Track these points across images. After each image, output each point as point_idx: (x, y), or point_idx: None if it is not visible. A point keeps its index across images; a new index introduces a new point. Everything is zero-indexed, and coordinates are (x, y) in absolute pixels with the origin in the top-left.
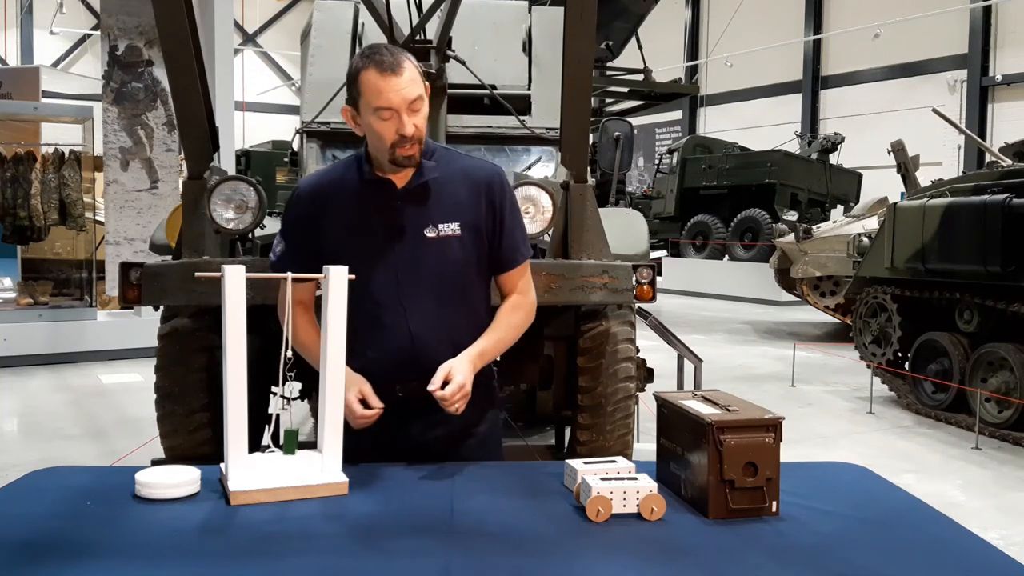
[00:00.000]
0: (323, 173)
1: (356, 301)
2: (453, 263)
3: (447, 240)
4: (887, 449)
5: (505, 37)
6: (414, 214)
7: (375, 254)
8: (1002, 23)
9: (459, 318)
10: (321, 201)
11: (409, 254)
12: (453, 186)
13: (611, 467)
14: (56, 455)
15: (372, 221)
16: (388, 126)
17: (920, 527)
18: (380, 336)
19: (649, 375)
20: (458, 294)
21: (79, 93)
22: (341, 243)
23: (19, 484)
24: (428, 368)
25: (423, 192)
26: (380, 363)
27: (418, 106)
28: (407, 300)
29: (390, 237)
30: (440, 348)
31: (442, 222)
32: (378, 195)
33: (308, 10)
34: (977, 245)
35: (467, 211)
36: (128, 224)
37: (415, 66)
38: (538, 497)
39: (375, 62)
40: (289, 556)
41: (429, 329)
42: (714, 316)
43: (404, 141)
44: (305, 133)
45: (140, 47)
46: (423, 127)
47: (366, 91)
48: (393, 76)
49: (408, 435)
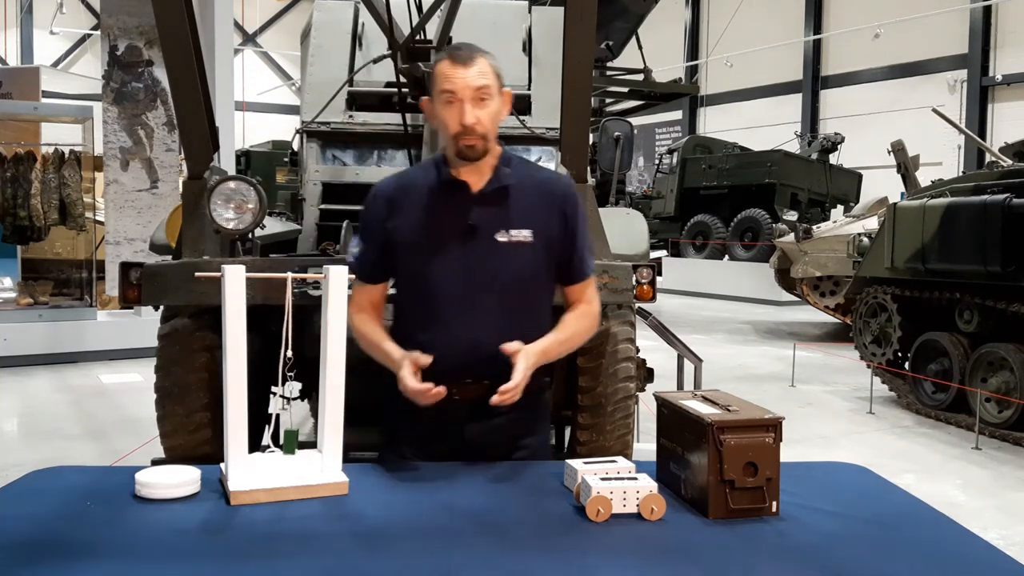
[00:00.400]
0: (402, 174)
1: (421, 299)
2: (522, 269)
3: (518, 246)
4: (887, 449)
5: (505, 37)
6: (487, 218)
7: (445, 254)
8: (1002, 23)
9: (522, 325)
10: (397, 199)
11: (479, 257)
12: (528, 194)
13: (611, 467)
14: (56, 455)
15: (445, 221)
16: (452, 113)
17: (920, 527)
18: (441, 336)
19: (649, 375)
20: (523, 301)
21: (79, 93)
22: (413, 242)
23: (19, 484)
24: (485, 373)
25: (498, 197)
26: (438, 363)
27: (483, 96)
28: (473, 303)
29: (461, 238)
30: (500, 354)
31: (514, 228)
32: (453, 196)
33: (308, 10)
34: (977, 245)
35: (540, 220)
36: (128, 224)
37: (492, 66)
38: (538, 497)
39: (450, 54)
40: (289, 556)
41: (491, 334)
42: (714, 316)
43: (465, 132)
44: (305, 133)
45: (140, 47)
46: (488, 123)
47: (437, 77)
48: (462, 65)
49: (460, 439)
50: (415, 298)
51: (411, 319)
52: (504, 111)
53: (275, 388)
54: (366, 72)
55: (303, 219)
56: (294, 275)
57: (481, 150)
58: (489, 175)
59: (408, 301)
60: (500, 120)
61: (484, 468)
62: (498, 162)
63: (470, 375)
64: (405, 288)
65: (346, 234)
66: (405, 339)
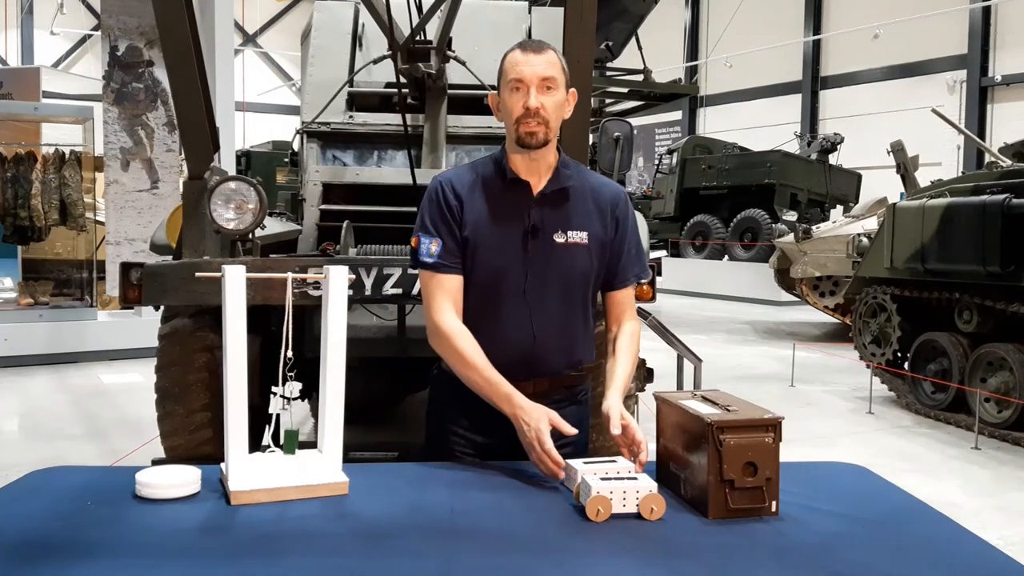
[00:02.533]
0: (457, 171)
1: (480, 295)
2: (578, 270)
3: (575, 247)
4: (887, 449)
5: (505, 37)
6: (547, 218)
7: (506, 252)
8: (1002, 23)
9: (576, 324)
10: (463, 194)
11: (538, 256)
12: (584, 198)
13: (611, 467)
14: (56, 455)
15: (506, 219)
16: (517, 98)
17: (920, 527)
18: (501, 331)
19: (649, 375)
20: (578, 301)
21: (79, 93)
22: (476, 237)
23: (19, 484)
24: (541, 369)
25: (557, 198)
26: (495, 359)
27: (550, 86)
28: (532, 300)
29: (522, 237)
30: (557, 351)
31: (571, 229)
32: (514, 195)
33: (308, 10)
34: (976, 245)
35: (595, 223)
36: (128, 224)
37: (560, 60)
38: (538, 497)
39: (521, 44)
40: (289, 556)
41: (549, 331)
42: (714, 316)
43: (528, 116)
44: (305, 133)
45: (140, 47)
46: (552, 112)
47: (506, 67)
48: (532, 53)
49: (509, 436)
50: (474, 295)
51: (468, 316)
52: (568, 108)
53: (275, 388)
54: (366, 72)
55: (303, 219)
56: (294, 275)
57: (542, 138)
58: (549, 176)
59: (466, 298)
60: (564, 115)
61: (484, 468)
62: (558, 163)
63: (524, 372)
64: (464, 285)
65: (346, 234)
66: None
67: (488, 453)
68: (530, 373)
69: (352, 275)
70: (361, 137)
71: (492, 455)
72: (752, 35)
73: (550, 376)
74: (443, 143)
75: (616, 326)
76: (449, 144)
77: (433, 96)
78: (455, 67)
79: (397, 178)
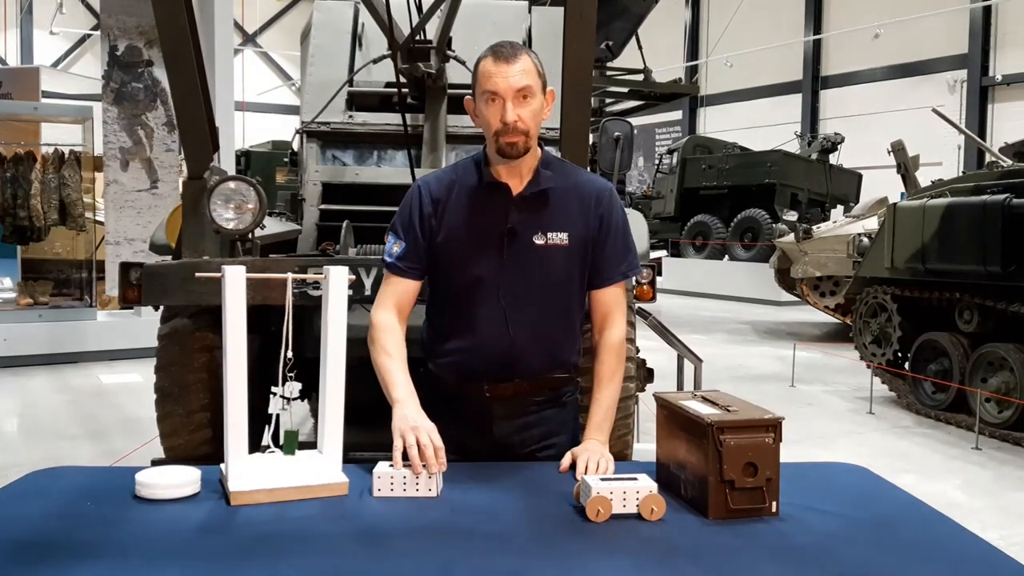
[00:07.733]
0: (438, 174)
1: (457, 298)
2: (557, 272)
3: (554, 249)
4: (887, 449)
5: (505, 37)
6: (525, 220)
7: (483, 255)
8: (1002, 23)
9: (557, 328)
10: (441, 197)
11: (516, 259)
12: (566, 198)
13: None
14: (56, 455)
15: (484, 222)
16: (494, 111)
17: (920, 527)
18: (478, 333)
19: (649, 375)
20: (559, 304)
21: (79, 93)
22: (453, 241)
23: (19, 484)
24: (520, 372)
25: (537, 200)
26: (473, 361)
27: (526, 95)
28: (509, 303)
29: (499, 240)
30: (536, 353)
31: (551, 231)
32: (493, 198)
33: (308, 10)
34: (977, 245)
35: (576, 223)
36: (128, 224)
37: (535, 64)
38: (538, 497)
39: (493, 51)
40: (289, 556)
41: (528, 334)
42: (714, 316)
43: (507, 129)
44: (305, 133)
45: (140, 47)
46: (530, 121)
47: (479, 76)
48: (505, 63)
49: (490, 436)
50: (451, 297)
51: (446, 318)
52: (547, 110)
53: (275, 388)
54: (366, 72)
55: (303, 219)
56: (294, 275)
57: (522, 148)
58: (529, 177)
59: (443, 300)
60: (543, 119)
61: (484, 468)
62: (538, 164)
63: (503, 375)
64: (441, 287)
65: (346, 234)
66: (439, 339)
67: (469, 454)
68: (509, 375)
69: (352, 275)
70: (361, 137)
71: (473, 456)
72: (752, 35)
73: (530, 378)
74: (443, 143)
75: (599, 333)
76: (449, 144)
77: (433, 96)
78: (455, 67)
79: (397, 178)
